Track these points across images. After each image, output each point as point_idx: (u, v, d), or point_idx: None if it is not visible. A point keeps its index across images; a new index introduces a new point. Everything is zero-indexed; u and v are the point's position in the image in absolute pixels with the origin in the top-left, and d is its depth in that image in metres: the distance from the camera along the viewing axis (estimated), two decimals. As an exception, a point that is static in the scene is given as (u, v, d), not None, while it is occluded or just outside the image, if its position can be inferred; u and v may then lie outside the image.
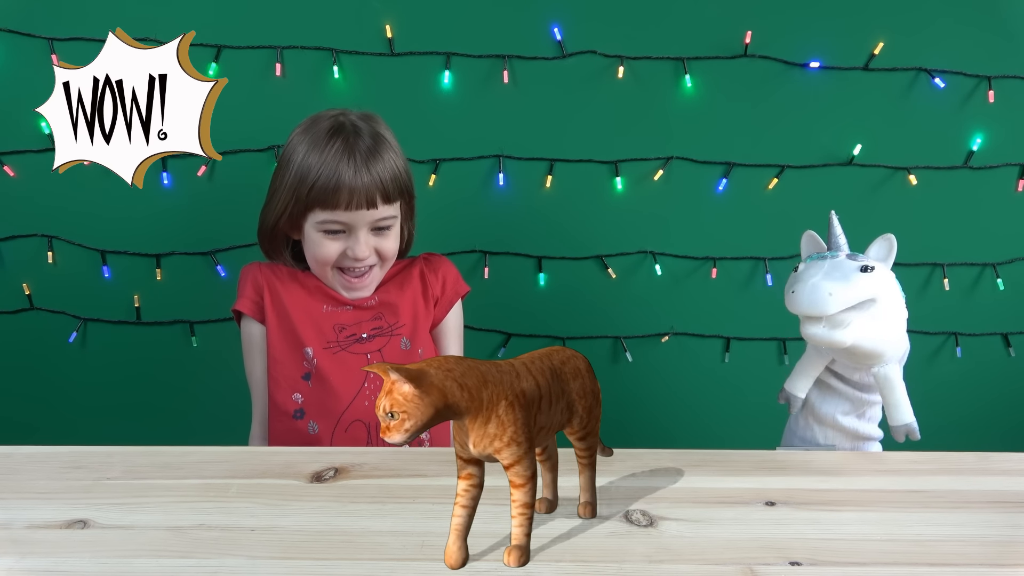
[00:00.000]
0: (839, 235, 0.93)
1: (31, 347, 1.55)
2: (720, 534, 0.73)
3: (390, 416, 0.61)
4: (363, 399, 1.18)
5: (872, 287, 0.88)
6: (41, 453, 0.90)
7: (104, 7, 1.44)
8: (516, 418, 0.64)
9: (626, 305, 1.59)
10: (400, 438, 0.61)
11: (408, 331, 1.21)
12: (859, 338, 0.88)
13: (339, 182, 1.10)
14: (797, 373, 1.00)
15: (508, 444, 0.64)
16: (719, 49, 1.50)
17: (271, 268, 1.23)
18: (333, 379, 1.17)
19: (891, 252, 0.91)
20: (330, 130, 1.13)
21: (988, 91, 1.51)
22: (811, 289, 0.87)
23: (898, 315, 0.92)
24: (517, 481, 0.65)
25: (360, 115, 1.17)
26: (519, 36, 1.48)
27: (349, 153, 1.11)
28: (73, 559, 0.68)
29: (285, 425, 1.18)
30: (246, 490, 0.81)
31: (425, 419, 0.61)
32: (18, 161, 1.48)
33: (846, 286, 0.87)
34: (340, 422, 1.17)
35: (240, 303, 1.22)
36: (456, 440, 0.66)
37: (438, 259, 1.30)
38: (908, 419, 0.93)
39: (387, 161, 1.14)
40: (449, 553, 0.66)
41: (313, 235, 1.15)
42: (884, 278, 0.90)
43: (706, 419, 1.64)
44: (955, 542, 0.72)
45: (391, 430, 0.61)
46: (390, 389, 0.61)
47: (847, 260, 0.90)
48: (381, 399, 0.61)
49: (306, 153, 1.12)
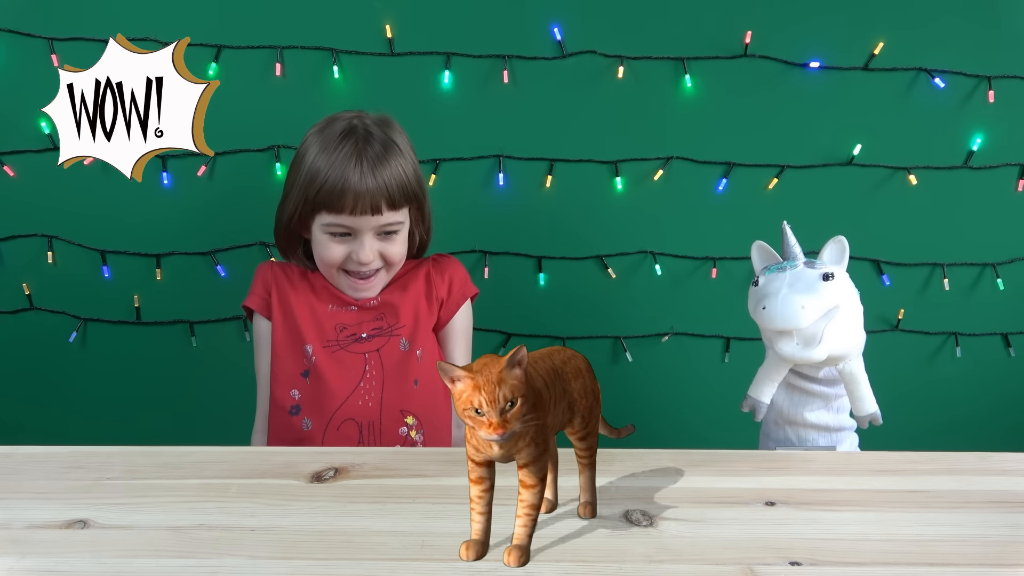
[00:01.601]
0: (793, 244, 0.94)
1: (31, 347, 1.55)
2: (720, 534, 0.73)
3: (510, 405, 0.61)
4: (357, 398, 1.18)
5: (835, 294, 0.89)
6: (41, 453, 0.90)
7: (104, 7, 1.44)
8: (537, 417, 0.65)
9: (626, 305, 1.59)
10: (519, 425, 0.61)
11: (408, 332, 1.21)
12: (831, 349, 0.89)
13: (344, 186, 1.10)
14: (760, 379, 0.97)
15: (529, 444, 0.65)
16: (719, 49, 1.50)
17: (283, 267, 1.24)
18: (329, 377, 1.18)
19: (844, 254, 0.92)
20: (342, 133, 1.13)
21: (988, 91, 1.51)
22: (783, 303, 0.87)
23: (856, 314, 0.93)
24: (528, 481, 0.66)
25: (376, 119, 1.17)
26: (519, 36, 1.48)
27: (357, 158, 1.11)
28: (73, 559, 0.68)
29: (282, 421, 1.19)
30: (246, 490, 0.81)
31: (532, 402, 0.62)
32: (18, 161, 1.48)
33: (815, 297, 0.88)
34: (332, 420, 1.18)
35: (250, 299, 1.24)
36: (470, 443, 0.66)
37: (446, 260, 1.29)
38: (873, 408, 0.94)
39: (394, 168, 1.13)
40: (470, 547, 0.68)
41: (319, 236, 1.16)
42: (843, 283, 0.91)
43: (706, 419, 1.64)
44: (955, 542, 0.72)
45: (510, 420, 0.61)
46: (500, 378, 0.61)
47: (806, 269, 0.91)
48: (495, 391, 0.60)
49: (317, 154, 1.13)
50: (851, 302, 0.91)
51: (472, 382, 0.62)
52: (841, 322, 0.89)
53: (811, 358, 0.88)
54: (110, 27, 1.44)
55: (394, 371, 1.20)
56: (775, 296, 0.88)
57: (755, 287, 0.94)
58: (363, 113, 1.18)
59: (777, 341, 0.90)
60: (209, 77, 1.47)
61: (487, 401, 0.61)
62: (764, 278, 0.93)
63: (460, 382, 0.63)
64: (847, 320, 0.90)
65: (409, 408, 1.20)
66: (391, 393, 1.19)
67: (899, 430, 1.41)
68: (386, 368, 1.19)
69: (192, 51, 1.46)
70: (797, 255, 0.93)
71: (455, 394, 0.63)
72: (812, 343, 0.88)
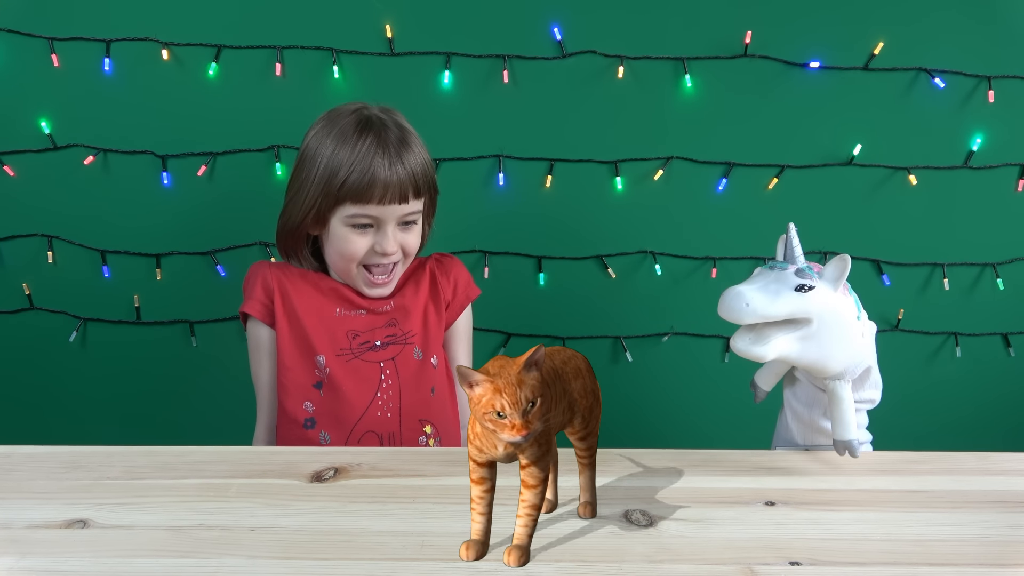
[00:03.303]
0: (795, 247, 0.92)
1: (31, 347, 1.55)
2: (720, 534, 0.73)
3: (531, 405, 0.61)
4: (375, 409, 1.15)
5: (803, 307, 0.85)
6: (41, 453, 0.90)
7: (104, 7, 1.44)
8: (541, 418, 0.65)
9: (626, 305, 1.59)
10: (540, 425, 0.62)
11: (420, 340, 1.20)
12: (783, 355, 0.86)
13: (374, 176, 1.09)
14: (766, 367, 1.01)
15: (532, 444, 0.64)
16: (719, 49, 1.50)
17: (281, 269, 1.20)
18: (346, 388, 1.15)
19: (843, 274, 0.88)
20: (358, 124, 1.11)
21: (988, 91, 1.51)
22: (733, 296, 0.85)
23: (842, 335, 0.88)
24: (530, 481, 0.66)
25: (380, 108, 1.16)
26: (519, 36, 1.48)
27: (383, 147, 1.10)
28: (73, 559, 0.68)
29: (295, 434, 1.15)
30: (246, 490, 0.81)
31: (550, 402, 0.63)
32: (18, 161, 1.48)
33: (770, 301, 0.85)
34: (353, 433, 1.15)
35: (249, 305, 1.18)
36: (472, 443, 0.66)
37: (450, 261, 1.28)
38: (850, 436, 0.90)
39: (417, 154, 1.13)
40: (470, 547, 0.68)
41: (340, 230, 1.13)
42: (823, 299, 0.86)
43: (706, 419, 1.64)
44: (955, 542, 0.72)
45: (532, 421, 0.61)
46: (520, 380, 0.61)
47: (792, 276, 0.87)
48: (517, 393, 0.61)
49: (336, 148, 1.10)
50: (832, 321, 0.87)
51: (492, 385, 0.62)
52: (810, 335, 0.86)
53: (755, 355, 0.86)
54: (110, 27, 1.45)
55: (410, 380, 1.17)
56: (735, 287, 0.87)
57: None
58: (365, 104, 1.16)
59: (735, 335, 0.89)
60: (209, 77, 1.47)
61: (510, 404, 0.61)
62: (759, 270, 0.92)
63: (479, 386, 0.62)
64: (821, 336, 0.86)
65: (427, 417, 1.18)
66: (409, 402, 1.17)
67: (899, 430, 1.41)
68: (402, 377, 1.17)
69: (192, 51, 1.47)
70: (795, 258, 0.92)
71: (474, 399, 0.63)
72: (759, 342, 0.86)
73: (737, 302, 0.85)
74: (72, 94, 1.46)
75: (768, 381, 1.01)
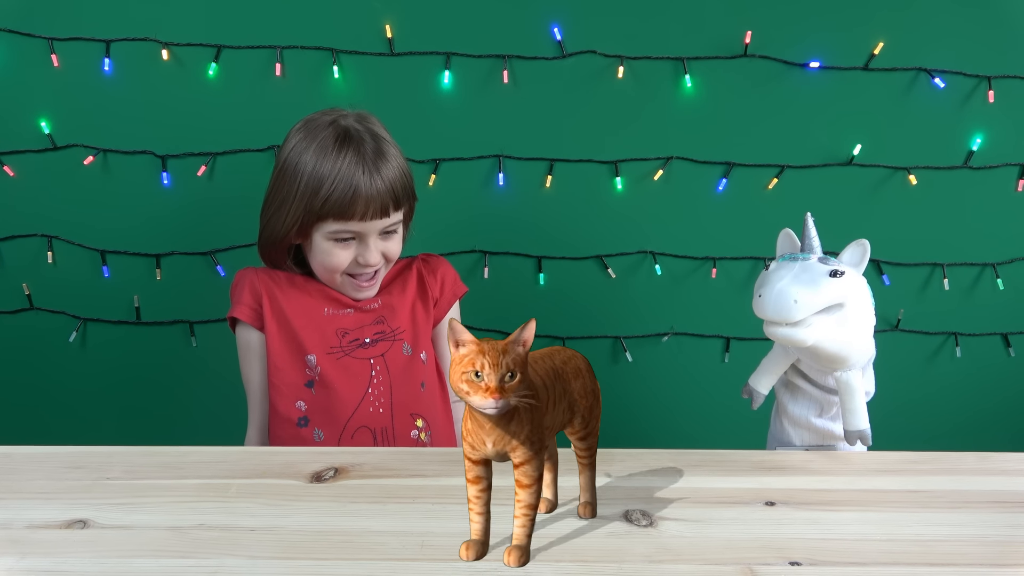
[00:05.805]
0: (813, 236, 0.92)
1: (31, 347, 1.55)
2: (720, 534, 0.73)
3: (511, 376, 0.61)
4: (368, 405, 1.17)
5: (840, 292, 0.87)
6: (41, 453, 0.90)
7: (104, 7, 1.44)
8: (533, 417, 0.65)
9: (626, 305, 1.59)
10: (514, 399, 0.62)
11: (409, 336, 1.21)
12: (821, 339, 0.87)
13: (355, 194, 1.09)
14: (762, 369, 1.00)
15: (524, 442, 0.64)
16: (719, 49, 1.50)
17: (268, 273, 1.21)
18: (338, 385, 1.16)
19: (864, 257, 0.90)
20: (337, 138, 1.11)
21: (988, 91, 1.51)
22: (777, 295, 0.86)
23: (865, 321, 0.90)
24: (524, 481, 0.66)
25: (355, 116, 1.15)
26: (519, 36, 1.48)
27: (363, 163, 1.10)
28: (73, 559, 0.68)
29: (289, 433, 1.16)
30: (246, 490, 0.81)
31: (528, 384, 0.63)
32: (18, 161, 1.48)
33: (814, 292, 0.86)
34: (346, 429, 1.16)
35: (237, 310, 1.19)
36: (466, 441, 0.66)
37: (436, 260, 1.29)
38: (863, 425, 0.92)
39: (394, 166, 1.13)
40: (470, 547, 0.68)
41: (323, 244, 1.14)
42: (854, 283, 0.89)
43: (706, 419, 1.64)
44: (955, 542, 0.72)
45: (507, 391, 0.61)
46: (505, 349, 0.62)
47: (818, 263, 0.88)
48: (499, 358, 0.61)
49: (317, 162, 1.10)
50: (859, 306, 0.89)
51: (477, 347, 0.62)
52: (842, 321, 0.88)
53: (798, 339, 0.86)
54: (110, 27, 1.45)
55: (401, 375, 1.19)
56: (773, 286, 0.87)
57: (764, 272, 0.93)
58: (341, 111, 1.15)
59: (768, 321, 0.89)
60: (209, 77, 1.47)
61: (490, 364, 0.61)
62: (775, 264, 0.92)
63: (465, 347, 0.63)
64: (850, 322, 0.88)
65: (418, 411, 1.20)
66: (400, 397, 1.18)
67: (899, 430, 1.42)
68: (392, 372, 1.18)
69: (192, 51, 1.47)
70: (814, 248, 0.92)
71: (456, 358, 0.63)
72: (801, 326, 0.87)
73: (785, 300, 0.85)
74: (72, 94, 1.46)
75: (767, 384, 1.01)
